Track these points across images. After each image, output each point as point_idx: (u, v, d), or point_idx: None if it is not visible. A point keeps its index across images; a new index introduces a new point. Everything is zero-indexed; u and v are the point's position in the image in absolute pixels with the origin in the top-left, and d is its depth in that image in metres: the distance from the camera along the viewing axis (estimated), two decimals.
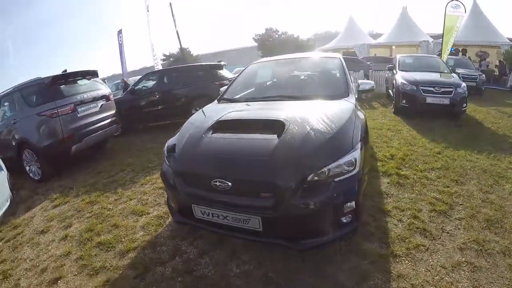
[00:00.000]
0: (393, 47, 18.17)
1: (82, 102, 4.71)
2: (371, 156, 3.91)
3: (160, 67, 13.26)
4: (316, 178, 1.80)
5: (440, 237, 2.24)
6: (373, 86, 3.30)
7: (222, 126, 2.37)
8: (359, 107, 2.75)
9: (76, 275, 2.25)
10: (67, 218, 3.17)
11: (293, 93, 3.03)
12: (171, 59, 32.48)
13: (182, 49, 16.21)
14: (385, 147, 4.31)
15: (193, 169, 2.13)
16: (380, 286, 1.83)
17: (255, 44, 34.98)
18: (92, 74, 5.28)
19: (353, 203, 1.87)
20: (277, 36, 34.84)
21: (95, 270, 2.26)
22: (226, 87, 3.59)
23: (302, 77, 3.54)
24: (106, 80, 10.85)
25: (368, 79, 9.16)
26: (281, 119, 2.19)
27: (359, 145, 1.99)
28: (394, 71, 7.09)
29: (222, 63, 7.07)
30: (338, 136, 2.02)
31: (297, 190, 1.77)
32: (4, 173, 3.23)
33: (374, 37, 20.81)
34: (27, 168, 4.54)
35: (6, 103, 4.80)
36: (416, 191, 2.95)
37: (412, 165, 3.59)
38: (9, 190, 3.21)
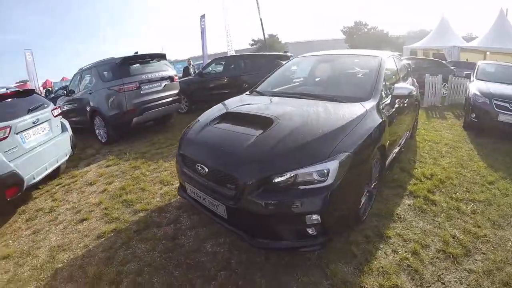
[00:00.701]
0: (488, 53, 14.75)
1: (147, 81, 5.44)
2: (406, 171, 3.50)
3: (233, 53, 14.13)
4: (281, 180, 1.80)
5: (430, 287, 1.84)
6: (410, 92, 2.87)
7: (227, 117, 2.55)
8: (380, 113, 2.48)
9: (97, 220, 2.85)
10: (112, 176, 3.91)
11: (312, 91, 3.01)
12: (259, 44, 33.92)
13: (265, 37, 16.76)
14: (430, 164, 3.74)
15: (188, 152, 2.40)
16: None
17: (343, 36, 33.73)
18: (160, 56, 6.01)
19: (318, 216, 1.77)
20: (365, 30, 32.85)
21: (111, 219, 2.81)
22: (263, 79, 3.67)
23: (332, 76, 3.37)
24: (191, 60, 12.00)
25: (446, 84, 7.83)
26: (271, 117, 2.23)
27: (342, 155, 1.85)
28: (471, 79, 5.92)
29: (289, 54, 7.21)
30: (318, 142, 1.93)
31: (257, 188, 1.82)
32: (68, 133, 4.10)
33: (470, 40, 17.32)
34: (97, 131, 5.60)
35: (87, 76, 5.92)
36: (436, 223, 2.48)
37: (450, 191, 3.04)
38: (70, 148, 4.08)
